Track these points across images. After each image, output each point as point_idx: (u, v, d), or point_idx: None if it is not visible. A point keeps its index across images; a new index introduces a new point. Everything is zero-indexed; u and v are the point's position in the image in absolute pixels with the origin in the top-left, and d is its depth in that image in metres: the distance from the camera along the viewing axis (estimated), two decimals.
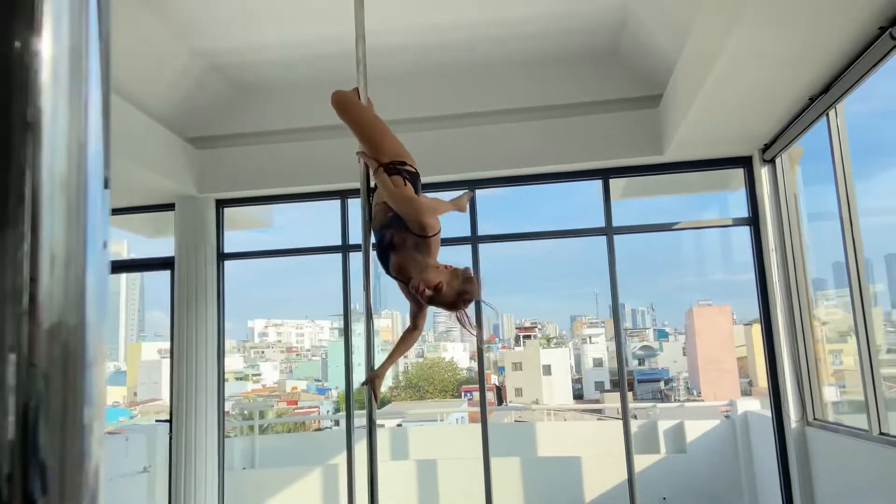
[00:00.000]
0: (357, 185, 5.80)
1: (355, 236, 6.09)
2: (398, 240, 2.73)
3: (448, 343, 55.59)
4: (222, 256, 6.20)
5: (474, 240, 5.87)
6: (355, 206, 6.10)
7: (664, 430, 7.11)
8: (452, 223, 5.99)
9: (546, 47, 5.59)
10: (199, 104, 5.87)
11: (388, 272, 2.83)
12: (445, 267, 2.67)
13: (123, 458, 6.24)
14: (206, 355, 5.89)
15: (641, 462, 6.90)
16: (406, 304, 3.06)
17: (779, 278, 5.32)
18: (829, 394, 5.20)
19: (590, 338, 48.43)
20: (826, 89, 4.28)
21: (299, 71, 5.78)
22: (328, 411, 38.85)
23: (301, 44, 5.33)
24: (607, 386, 49.53)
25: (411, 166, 2.90)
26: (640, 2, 4.85)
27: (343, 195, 6.12)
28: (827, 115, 4.36)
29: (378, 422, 3.10)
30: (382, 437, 8.12)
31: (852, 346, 4.44)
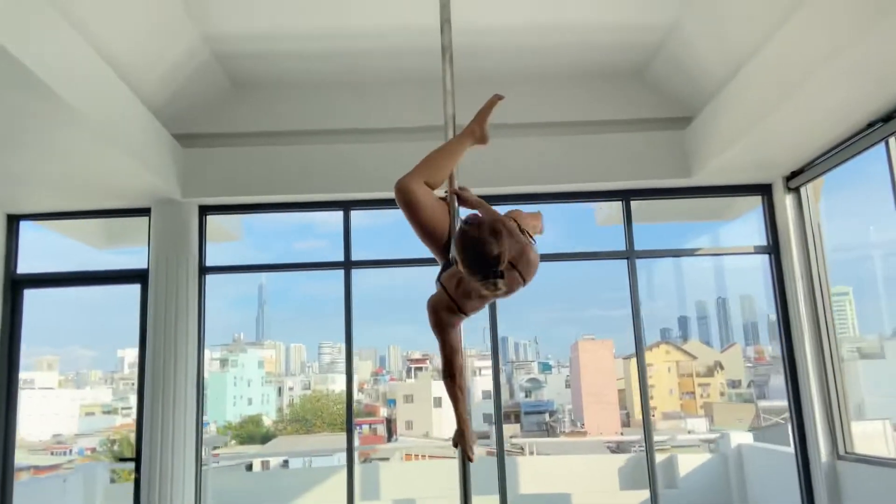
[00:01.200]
0: (362, 195, 5.30)
1: (360, 251, 5.52)
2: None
3: (336, 375, 54.05)
4: (204, 270, 5.41)
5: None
6: (359, 217, 5.56)
7: (658, 462, 6.90)
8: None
9: (573, 61, 5.35)
10: (194, 97, 5.14)
11: (438, 281, 2.47)
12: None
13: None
14: (185, 381, 5.07)
15: (631, 498, 6.67)
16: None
17: (806, 309, 5.26)
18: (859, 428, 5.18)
19: (479, 370, 48.67)
20: (888, 118, 4.27)
21: (308, 67, 5.20)
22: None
23: (315, 36, 4.77)
24: (495, 419, 49.73)
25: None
26: (691, 22, 4.69)
27: (346, 206, 5.54)
28: (887, 141, 4.34)
29: (261, 459, 2.59)
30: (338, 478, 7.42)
31: None
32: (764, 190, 5.61)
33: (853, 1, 3.46)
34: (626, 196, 5.60)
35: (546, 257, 5.96)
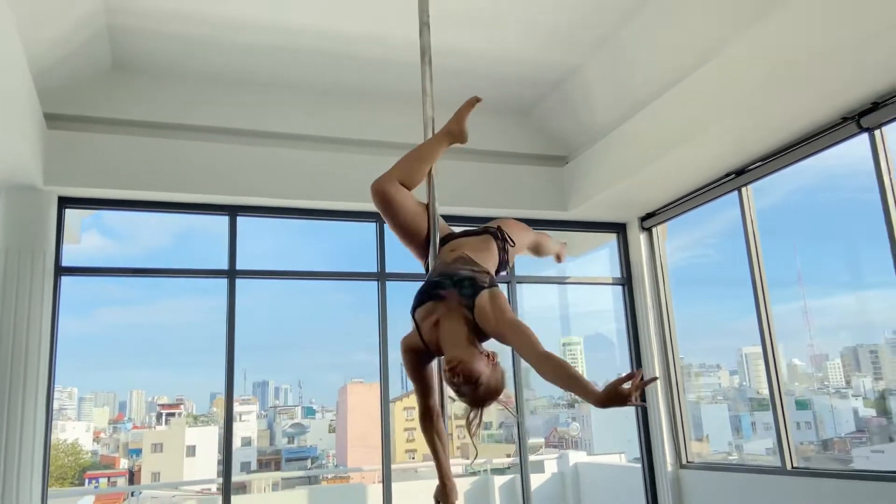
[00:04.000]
0: (251, 200, 5.00)
1: (245, 261, 5.13)
2: (452, 304, 2.28)
3: (66, 422, 47.63)
4: (60, 271, 4.63)
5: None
6: (246, 224, 5.22)
7: (500, 485, 7.16)
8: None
9: (465, 89, 5.58)
10: (74, 71, 4.47)
11: (412, 314, 2.38)
12: (489, 356, 2.23)
13: None
14: (34, 404, 4.26)
15: None
16: None
17: (655, 334, 5.95)
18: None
19: (240, 415, 46.12)
20: (742, 171, 5.10)
21: (207, 57, 4.82)
22: None
23: (222, 24, 4.43)
24: (254, 466, 47.27)
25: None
26: (594, 66, 5.19)
27: (233, 211, 5.15)
28: (740, 190, 5.17)
29: None
30: None
31: None
32: (619, 228, 6.29)
33: (727, 79, 4.24)
34: None
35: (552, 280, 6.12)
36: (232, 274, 5.04)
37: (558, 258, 3.24)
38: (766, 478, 4.90)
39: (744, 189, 5.13)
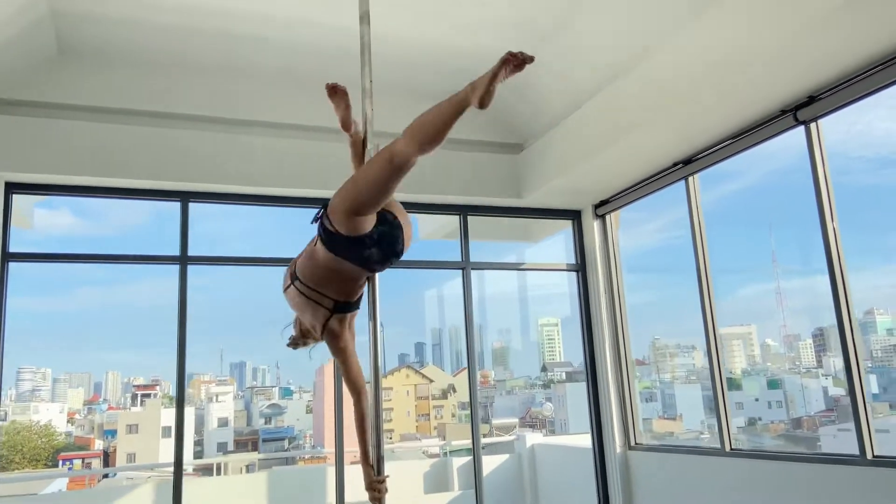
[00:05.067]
0: (203, 186, 4.99)
1: (197, 247, 5.15)
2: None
3: (39, 404, 47.20)
4: (8, 256, 4.63)
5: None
6: (198, 210, 5.22)
7: (458, 466, 7.29)
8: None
9: (417, 77, 5.60)
10: (19, 56, 4.44)
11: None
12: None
13: None
14: None
15: (435, 501, 6.99)
16: None
17: (608, 319, 6.07)
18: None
19: (216, 396, 46.05)
20: (689, 160, 5.20)
21: (155, 41, 4.80)
22: None
23: (175, 7, 4.42)
24: (231, 447, 47.24)
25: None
26: (545, 56, 5.24)
27: (184, 197, 5.15)
28: (686, 179, 5.27)
29: None
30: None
31: None
32: (574, 215, 6.38)
33: (673, 70, 4.32)
34: (463, 211, 5.99)
35: (508, 266, 6.15)
36: (184, 260, 5.06)
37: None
38: (708, 459, 5.05)
39: (690, 178, 5.23)
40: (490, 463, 7.28)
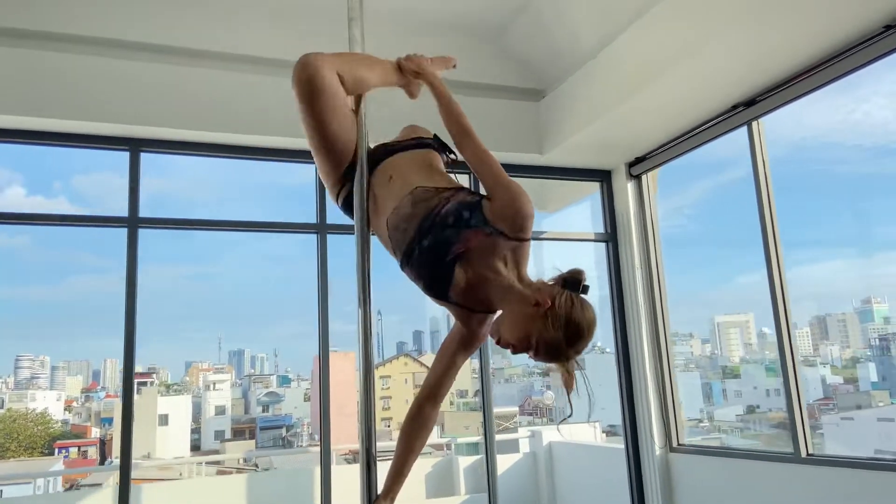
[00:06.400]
0: (157, 132, 4.07)
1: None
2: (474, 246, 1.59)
3: (37, 391, 46.61)
4: None
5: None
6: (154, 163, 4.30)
7: (465, 467, 6.38)
8: None
9: (421, 7, 4.66)
10: None
11: (442, 298, 1.67)
12: (539, 297, 1.53)
13: None
14: None
15: None
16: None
17: (644, 300, 5.13)
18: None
19: (214, 384, 45.48)
20: (752, 102, 4.24)
21: None
22: None
23: None
24: (228, 435, 46.56)
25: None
26: None
27: (134, 145, 4.21)
28: (750, 125, 4.30)
29: None
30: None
31: None
32: (603, 176, 5.43)
33: None
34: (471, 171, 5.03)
35: None
36: (133, 223, 4.12)
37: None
38: (776, 466, 4.12)
39: (755, 124, 4.27)
40: (500, 464, 6.37)
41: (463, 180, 1.89)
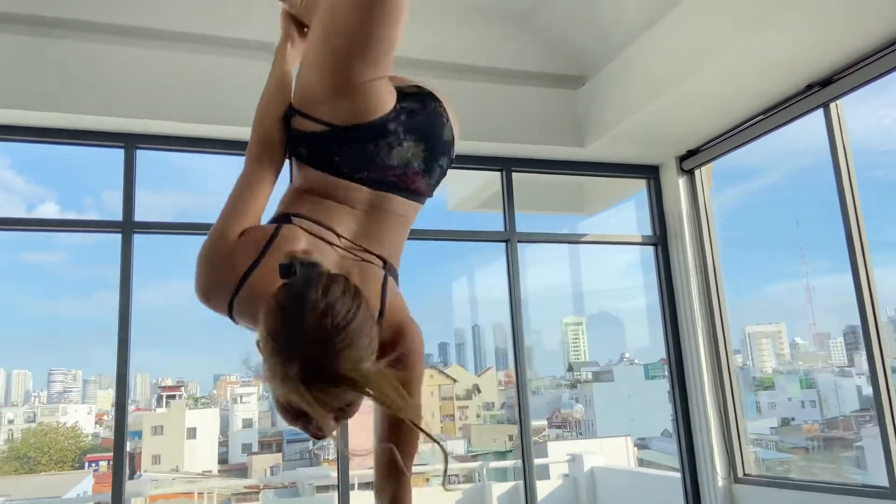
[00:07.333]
0: (155, 126, 3.64)
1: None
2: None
3: (68, 405, 47.02)
4: None
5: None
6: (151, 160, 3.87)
7: (498, 495, 5.83)
8: None
9: None
10: None
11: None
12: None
13: None
14: None
15: None
16: None
17: (701, 309, 4.56)
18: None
19: (241, 397, 45.42)
20: (828, 81, 3.68)
21: None
22: None
23: None
24: (255, 448, 46.49)
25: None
26: None
27: (129, 141, 3.78)
28: (827, 106, 3.74)
29: None
30: None
31: None
32: (651, 172, 4.88)
33: None
34: (506, 165, 4.52)
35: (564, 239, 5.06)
36: (128, 227, 3.68)
37: None
38: (864, 501, 3.53)
39: (833, 106, 3.71)
40: (540, 490, 5.82)
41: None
